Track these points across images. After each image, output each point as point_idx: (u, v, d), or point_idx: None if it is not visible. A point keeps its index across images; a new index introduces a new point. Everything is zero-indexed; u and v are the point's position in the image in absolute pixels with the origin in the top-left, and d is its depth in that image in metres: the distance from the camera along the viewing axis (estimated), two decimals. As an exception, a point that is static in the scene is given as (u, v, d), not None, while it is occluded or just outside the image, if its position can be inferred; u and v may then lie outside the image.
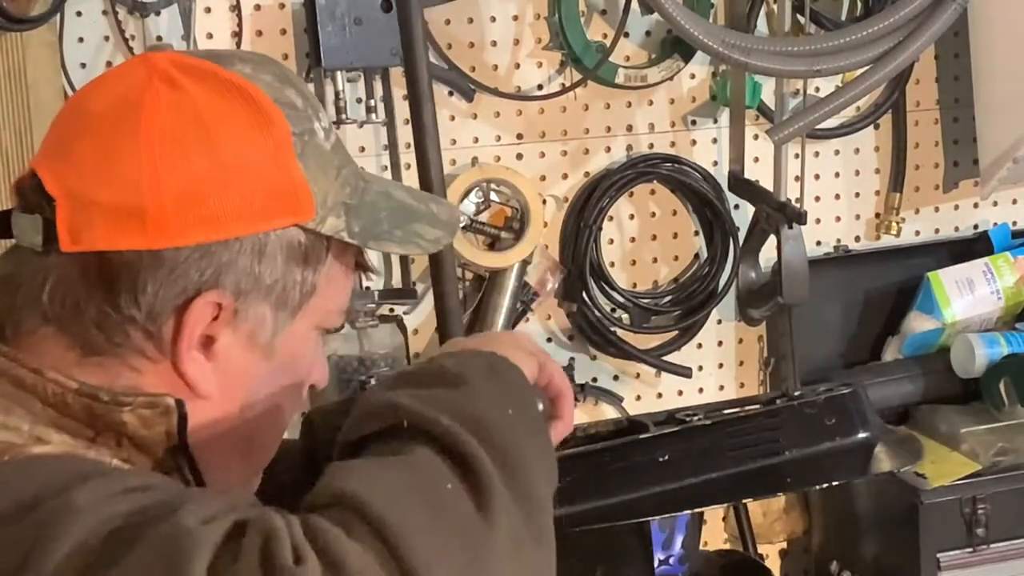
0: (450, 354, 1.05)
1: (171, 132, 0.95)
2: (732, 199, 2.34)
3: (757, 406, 1.28)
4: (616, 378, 2.36)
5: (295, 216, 0.99)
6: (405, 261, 2.15)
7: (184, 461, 0.98)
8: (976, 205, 2.51)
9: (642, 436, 1.22)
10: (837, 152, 2.43)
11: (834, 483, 1.31)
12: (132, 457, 0.97)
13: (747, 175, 2.31)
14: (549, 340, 2.32)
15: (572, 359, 2.33)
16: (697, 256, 2.38)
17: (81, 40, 2.02)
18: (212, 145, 0.96)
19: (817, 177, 2.41)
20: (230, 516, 0.83)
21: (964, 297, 2.36)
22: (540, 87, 2.25)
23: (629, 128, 2.31)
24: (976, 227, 2.51)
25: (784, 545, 2.49)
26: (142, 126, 0.95)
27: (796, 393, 1.28)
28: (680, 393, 2.38)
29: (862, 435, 1.25)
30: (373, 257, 2.13)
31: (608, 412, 2.33)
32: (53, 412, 0.95)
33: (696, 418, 1.24)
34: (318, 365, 1.08)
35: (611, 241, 2.33)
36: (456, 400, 0.94)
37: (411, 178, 2.04)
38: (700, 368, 2.39)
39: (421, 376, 0.99)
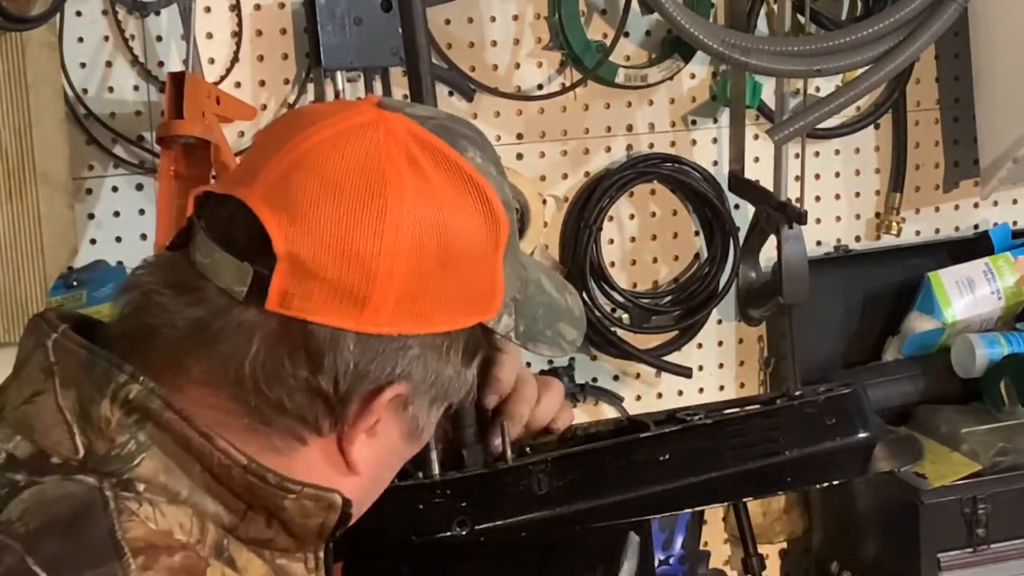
0: None
1: (412, 219, 0.92)
2: (732, 199, 2.34)
3: (757, 406, 1.28)
4: (616, 378, 2.36)
5: (484, 315, 0.98)
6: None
7: (323, 547, 0.98)
8: (976, 205, 2.51)
9: (642, 435, 1.21)
10: (837, 152, 2.43)
11: (834, 483, 1.31)
12: (277, 538, 0.96)
13: (747, 175, 2.31)
14: (549, 340, 2.32)
15: (572, 359, 2.33)
16: (697, 256, 2.38)
17: (81, 40, 2.02)
18: (446, 240, 0.94)
19: (817, 177, 2.41)
20: None
21: (964, 297, 2.36)
22: (540, 87, 2.25)
23: (629, 128, 2.31)
24: (976, 227, 2.51)
25: (784, 545, 2.49)
26: (389, 211, 0.92)
27: (796, 393, 1.28)
28: (680, 393, 2.38)
29: (862, 435, 1.25)
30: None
31: (608, 412, 2.33)
32: (210, 478, 0.92)
33: (696, 418, 1.24)
34: None
35: (611, 241, 2.33)
36: None
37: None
38: (700, 368, 2.39)
39: None
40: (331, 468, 0.97)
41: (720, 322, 2.41)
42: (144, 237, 2.06)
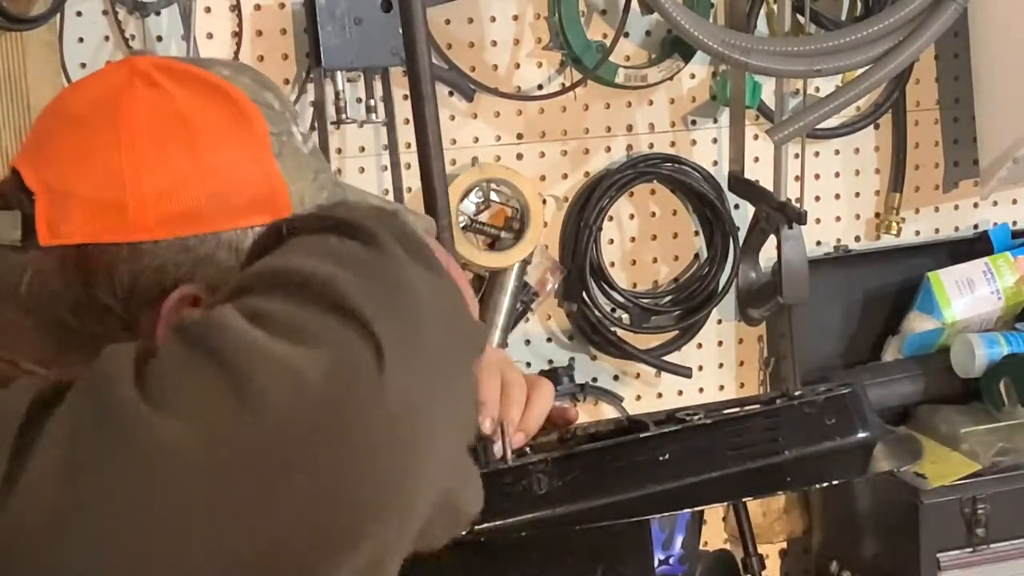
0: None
1: (150, 128, 0.96)
2: (732, 199, 2.34)
3: (757, 406, 1.28)
4: (616, 378, 2.37)
5: (272, 214, 0.98)
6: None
7: None
8: (976, 205, 2.51)
9: (642, 435, 1.21)
10: (837, 152, 2.43)
11: (834, 482, 1.31)
12: None
13: (747, 175, 2.31)
14: (549, 340, 2.33)
15: (572, 359, 2.33)
16: (697, 256, 2.38)
17: (81, 40, 2.02)
18: (191, 141, 0.96)
19: (817, 177, 2.41)
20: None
21: (964, 297, 2.36)
22: (540, 87, 2.25)
23: (629, 128, 2.31)
24: (976, 227, 2.51)
25: (784, 545, 2.49)
26: (121, 121, 0.96)
27: (796, 393, 1.28)
28: (680, 393, 2.39)
29: (862, 435, 1.25)
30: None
31: (608, 412, 2.33)
32: None
33: (696, 417, 1.23)
34: None
35: (611, 241, 2.33)
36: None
37: (412, 178, 2.05)
38: (700, 368, 2.39)
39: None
40: None
41: (720, 322, 2.41)
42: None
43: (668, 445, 1.20)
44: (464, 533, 1.14)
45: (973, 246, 2.45)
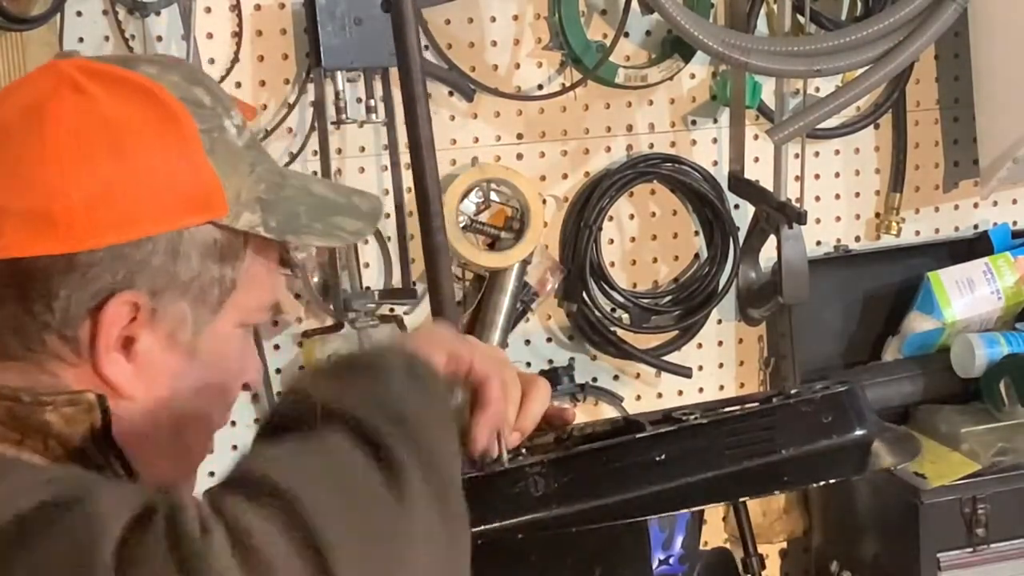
0: (363, 351, 1.05)
1: (77, 136, 0.95)
2: (732, 199, 2.34)
3: (754, 405, 1.28)
4: (616, 378, 2.37)
5: (207, 213, 0.98)
6: (405, 261, 2.15)
7: (114, 458, 0.98)
8: (976, 205, 2.51)
9: (638, 436, 1.21)
10: (837, 152, 2.43)
11: (831, 481, 1.31)
12: (61, 459, 0.96)
13: (747, 175, 2.31)
14: (549, 340, 2.33)
15: (572, 359, 2.33)
16: (697, 256, 2.38)
17: (81, 40, 2.02)
18: (118, 146, 0.96)
19: (817, 177, 2.41)
20: (140, 499, 0.82)
21: (964, 297, 2.36)
22: (540, 87, 2.25)
23: (629, 128, 2.31)
24: (976, 227, 2.51)
25: (784, 545, 2.49)
26: (47, 131, 0.95)
27: (793, 391, 1.28)
28: (680, 393, 2.39)
29: (859, 432, 1.24)
30: (371, 256, 2.12)
31: (608, 412, 2.33)
32: None
33: (693, 417, 1.23)
34: (250, 363, 1.09)
35: (611, 241, 2.33)
36: (370, 389, 0.94)
37: (411, 178, 2.04)
38: (700, 368, 2.39)
39: (336, 367, 0.98)
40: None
41: (720, 322, 2.41)
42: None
43: (665, 445, 1.20)
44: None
45: (973, 246, 2.45)
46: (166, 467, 1.03)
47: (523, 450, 1.22)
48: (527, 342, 2.31)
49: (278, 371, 2.18)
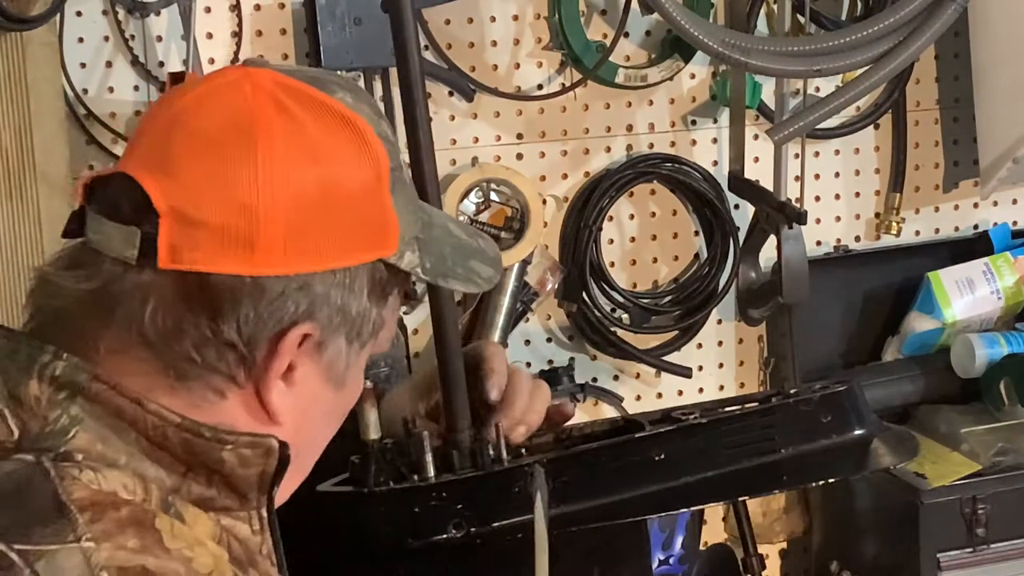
0: None
1: (286, 162, 0.94)
2: (732, 199, 2.34)
3: (753, 404, 1.28)
4: (616, 378, 2.37)
5: (382, 250, 0.99)
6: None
7: (265, 500, 0.99)
8: (976, 205, 2.51)
9: (637, 435, 1.21)
10: (837, 152, 2.43)
11: (831, 480, 1.31)
12: (219, 496, 0.97)
13: (747, 175, 2.31)
14: (549, 340, 2.33)
15: (572, 359, 2.33)
16: (697, 256, 2.38)
17: (81, 40, 2.02)
18: (324, 176, 0.95)
19: (817, 177, 2.41)
20: None
21: (964, 297, 2.36)
22: (540, 87, 2.25)
23: (629, 128, 2.31)
24: (976, 227, 2.51)
25: (784, 545, 2.49)
26: (260, 151, 0.94)
27: (792, 391, 1.28)
28: (680, 393, 2.38)
29: (858, 432, 1.25)
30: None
31: (608, 412, 2.33)
32: (147, 444, 0.94)
33: (692, 417, 1.23)
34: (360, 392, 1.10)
35: (611, 241, 2.33)
36: None
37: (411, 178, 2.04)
38: (700, 368, 2.39)
39: None
40: (254, 420, 0.98)
41: (720, 322, 2.41)
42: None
43: (664, 445, 1.20)
44: (460, 535, 1.15)
45: (973, 246, 2.45)
46: (286, 485, 1.04)
47: (523, 450, 1.23)
48: (527, 342, 2.30)
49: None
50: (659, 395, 2.39)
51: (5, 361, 0.96)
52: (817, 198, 2.41)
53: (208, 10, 2.07)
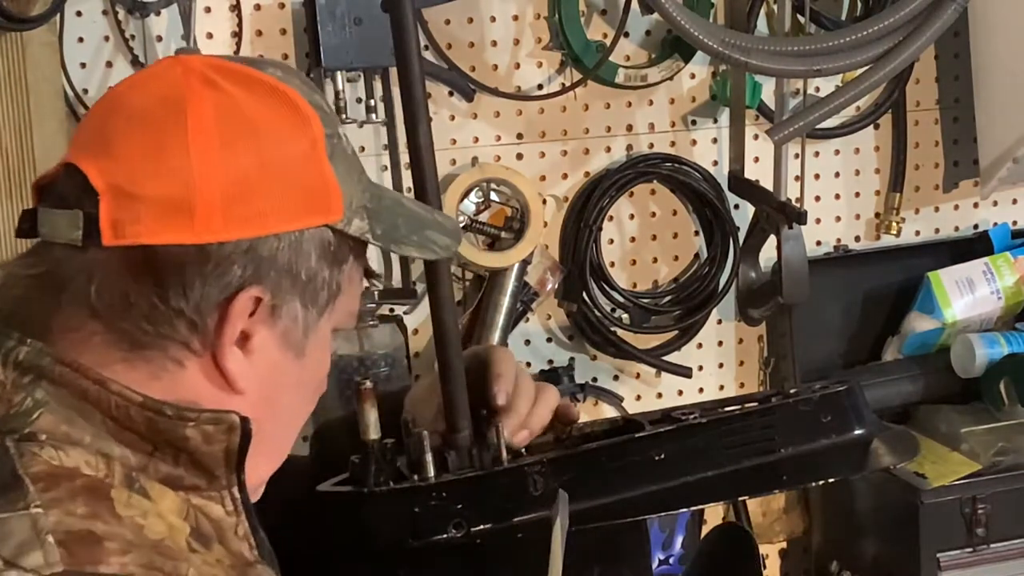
0: None
1: (218, 129, 0.96)
2: (732, 199, 2.34)
3: (753, 404, 1.28)
4: (616, 378, 2.37)
5: (326, 216, 1.01)
6: (405, 262, 2.15)
7: (235, 478, 1.00)
8: (976, 205, 2.51)
9: (637, 435, 1.21)
10: (837, 152, 2.43)
11: (831, 480, 1.31)
12: (186, 474, 0.98)
13: (747, 175, 2.31)
14: (549, 340, 2.33)
15: (572, 359, 2.33)
16: (697, 256, 2.39)
17: (81, 40, 2.03)
18: (257, 142, 0.98)
19: (817, 177, 2.41)
20: None
21: (964, 297, 2.36)
22: (540, 87, 2.25)
23: (629, 128, 2.31)
24: (976, 227, 2.51)
25: (784, 545, 2.49)
26: (190, 122, 0.96)
27: (792, 391, 1.28)
28: (680, 393, 2.39)
29: (858, 432, 1.25)
30: (370, 256, 2.13)
31: (608, 412, 2.33)
32: (113, 424, 0.95)
33: (692, 417, 1.23)
34: (327, 368, 1.11)
35: (611, 241, 2.33)
36: None
37: (411, 178, 2.04)
38: (700, 368, 2.40)
39: None
40: (215, 388, 0.99)
41: (720, 322, 2.41)
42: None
43: (664, 444, 1.20)
44: (460, 535, 1.15)
45: (973, 246, 2.45)
46: (263, 465, 1.06)
47: (522, 450, 1.23)
48: (527, 342, 2.31)
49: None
50: (659, 395, 2.39)
51: None
52: (817, 198, 2.41)
53: (208, 10, 2.07)
